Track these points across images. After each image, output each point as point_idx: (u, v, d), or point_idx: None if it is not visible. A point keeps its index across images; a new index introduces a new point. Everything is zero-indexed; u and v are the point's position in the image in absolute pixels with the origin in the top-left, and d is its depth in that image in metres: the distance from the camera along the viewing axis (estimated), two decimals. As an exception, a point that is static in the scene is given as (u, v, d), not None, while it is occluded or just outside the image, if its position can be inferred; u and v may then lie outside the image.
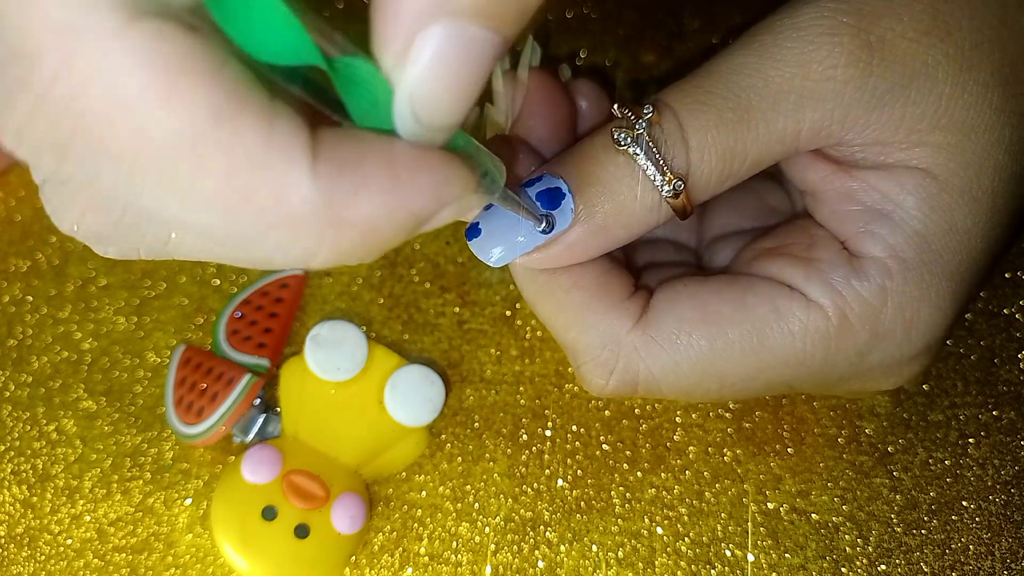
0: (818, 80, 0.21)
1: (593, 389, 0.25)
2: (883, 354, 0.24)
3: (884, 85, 0.21)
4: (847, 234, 0.23)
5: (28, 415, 0.30)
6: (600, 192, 0.22)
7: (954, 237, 0.22)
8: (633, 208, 0.22)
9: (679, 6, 0.36)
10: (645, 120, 0.21)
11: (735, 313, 0.23)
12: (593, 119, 0.28)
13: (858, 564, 0.28)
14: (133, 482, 0.29)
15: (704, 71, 0.22)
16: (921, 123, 0.22)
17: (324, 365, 0.29)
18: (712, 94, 0.21)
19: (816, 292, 0.23)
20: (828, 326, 0.23)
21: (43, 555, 0.29)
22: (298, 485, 0.27)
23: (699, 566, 0.28)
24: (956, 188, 0.22)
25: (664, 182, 0.21)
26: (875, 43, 0.21)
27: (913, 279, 0.23)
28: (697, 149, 0.21)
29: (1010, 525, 0.28)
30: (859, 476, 0.29)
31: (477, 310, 0.32)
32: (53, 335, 0.31)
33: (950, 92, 0.21)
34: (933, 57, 0.21)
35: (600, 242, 0.22)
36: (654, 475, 0.29)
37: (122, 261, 0.32)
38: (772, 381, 0.24)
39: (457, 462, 0.30)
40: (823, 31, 0.21)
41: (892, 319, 0.23)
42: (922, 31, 0.21)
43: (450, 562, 0.28)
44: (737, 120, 0.21)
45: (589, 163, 0.22)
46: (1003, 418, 0.30)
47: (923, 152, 0.22)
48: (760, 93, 0.21)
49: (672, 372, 0.24)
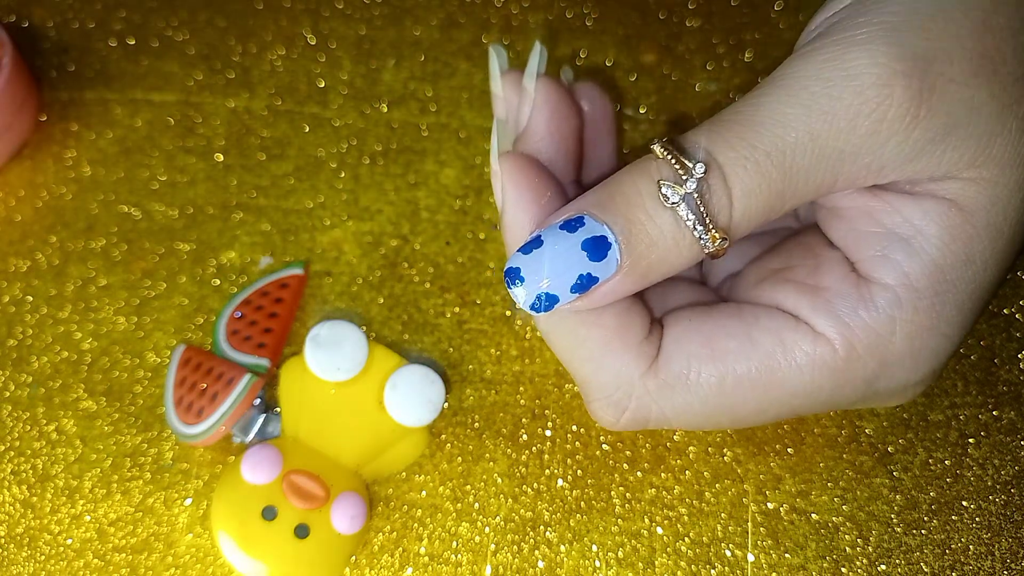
0: (863, 136, 0.21)
1: (604, 424, 0.25)
2: (891, 381, 0.23)
3: (927, 136, 0.21)
4: (861, 256, 0.23)
5: (28, 415, 0.30)
6: (647, 245, 0.21)
7: (970, 268, 0.22)
8: (676, 260, 0.22)
9: (679, 6, 0.36)
10: (696, 180, 0.21)
11: (742, 348, 0.23)
12: (596, 123, 0.28)
13: (858, 564, 0.28)
14: (133, 482, 0.29)
15: (748, 116, 0.21)
16: (958, 165, 0.21)
17: (324, 365, 0.29)
18: (756, 150, 0.21)
19: (823, 324, 0.23)
20: (835, 358, 0.23)
21: (43, 555, 0.29)
22: (298, 485, 0.27)
23: (699, 566, 0.28)
24: (981, 221, 0.22)
25: (708, 240, 0.21)
26: (926, 93, 0.20)
27: (924, 309, 0.22)
28: (740, 209, 0.21)
29: (1010, 525, 0.28)
30: (859, 476, 0.29)
31: (477, 310, 0.32)
32: (53, 335, 0.31)
33: (991, 132, 0.21)
34: (979, 98, 0.21)
35: (635, 288, 0.22)
36: (654, 475, 0.29)
37: (122, 261, 0.33)
38: (782, 412, 0.24)
39: (457, 462, 0.30)
40: (875, 81, 0.20)
41: (901, 349, 0.23)
42: (971, 72, 0.21)
43: (450, 562, 0.28)
44: (780, 179, 0.21)
45: (635, 212, 0.21)
46: (1003, 418, 0.30)
47: (954, 185, 0.21)
48: (805, 150, 0.21)
49: (684, 411, 0.24)
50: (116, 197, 0.33)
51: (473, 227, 0.33)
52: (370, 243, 0.33)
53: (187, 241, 0.33)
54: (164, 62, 0.36)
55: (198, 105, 0.35)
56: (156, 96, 0.35)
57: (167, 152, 0.34)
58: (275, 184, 0.34)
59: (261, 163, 0.34)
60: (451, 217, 0.33)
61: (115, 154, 0.34)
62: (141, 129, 0.35)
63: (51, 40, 0.36)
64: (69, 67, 0.36)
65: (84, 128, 0.35)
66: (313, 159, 0.34)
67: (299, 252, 0.33)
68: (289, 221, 0.33)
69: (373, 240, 0.33)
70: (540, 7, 0.36)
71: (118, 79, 0.35)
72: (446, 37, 0.36)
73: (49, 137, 0.35)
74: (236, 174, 0.34)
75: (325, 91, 0.35)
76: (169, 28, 0.36)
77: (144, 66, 0.36)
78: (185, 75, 0.35)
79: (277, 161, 0.34)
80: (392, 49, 0.36)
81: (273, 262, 0.32)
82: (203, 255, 0.33)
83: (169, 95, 0.35)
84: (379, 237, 0.33)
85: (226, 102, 0.35)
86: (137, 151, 0.34)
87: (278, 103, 0.35)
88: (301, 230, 0.33)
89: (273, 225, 0.33)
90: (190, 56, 0.36)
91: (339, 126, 0.34)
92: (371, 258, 0.32)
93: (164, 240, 0.33)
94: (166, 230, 0.33)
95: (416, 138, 0.34)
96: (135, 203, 0.33)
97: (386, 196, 0.33)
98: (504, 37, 0.36)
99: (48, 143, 0.34)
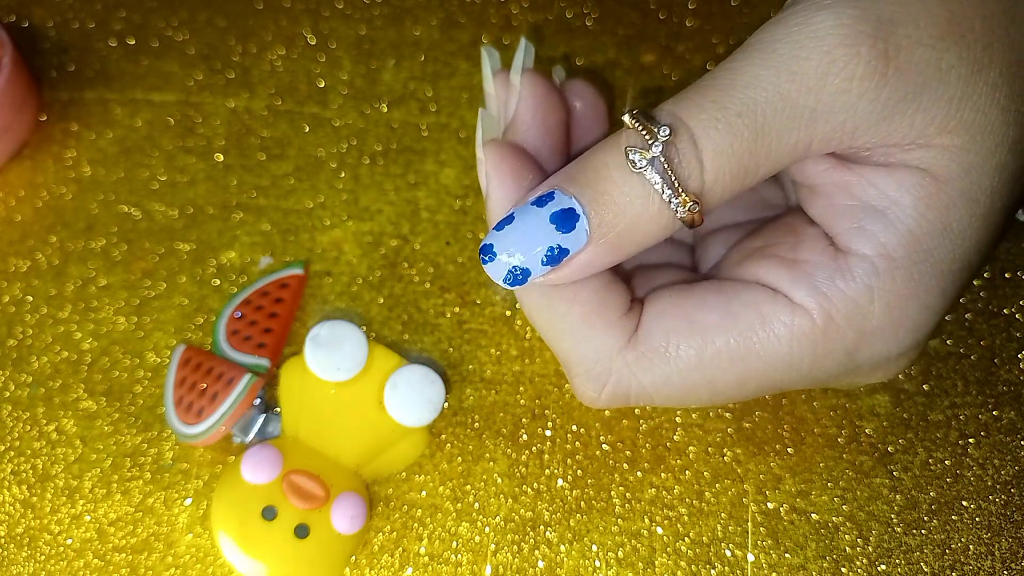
0: (833, 93, 0.21)
1: (585, 400, 0.25)
2: (872, 351, 0.23)
3: (897, 95, 0.21)
4: (839, 230, 0.23)
5: (28, 415, 0.30)
6: (615, 213, 0.22)
7: (947, 237, 0.22)
8: (647, 227, 0.22)
9: (679, 6, 0.36)
10: (661, 143, 0.21)
11: (721, 321, 0.23)
12: (588, 120, 0.28)
13: (858, 564, 0.28)
14: (133, 482, 0.29)
15: (719, 80, 0.22)
16: (930, 128, 0.21)
17: (324, 365, 0.29)
18: (727, 110, 0.21)
19: (801, 294, 0.23)
20: (814, 328, 0.23)
21: (43, 555, 0.29)
22: (298, 485, 0.27)
23: (699, 566, 0.28)
24: (956, 189, 0.22)
25: (679, 204, 0.21)
26: (892, 52, 0.21)
27: (902, 278, 0.22)
28: (712, 170, 0.21)
29: (1010, 525, 0.28)
30: (859, 476, 0.29)
31: (477, 310, 0.32)
32: (53, 335, 0.31)
33: (960, 95, 0.21)
34: (947, 61, 0.21)
35: (610, 259, 0.22)
36: (654, 475, 0.29)
37: (122, 261, 0.33)
38: (762, 385, 0.24)
39: (457, 462, 0.30)
40: (841, 41, 0.21)
41: (880, 318, 0.23)
42: (937, 35, 0.21)
43: (450, 562, 0.28)
44: (752, 139, 0.21)
45: (603, 182, 0.22)
46: (1003, 418, 0.30)
47: (927, 153, 0.22)
48: (776, 109, 0.21)
49: (663, 385, 0.24)
50: (116, 197, 0.33)
51: (473, 227, 0.33)
52: (370, 243, 0.33)
53: (187, 241, 0.33)
54: (164, 62, 0.36)
55: (198, 105, 0.35)
56: (156, 96, 0.35)
57: (167, 152, 0.34)
58: (275, 184, 0.34)
59: (261, 163, 0.34)
60: (451, 217, 0.33)
61: (115, 154, 0.34)
62: (141, 129, 0.35)
63: (51, 40, 0.36)
64: (69, 67, 0.36)
65: (84, 128, 0.35)
66: (313, 159, 0.34)
67: (299, 252, 0.33)
68: (289, 221, 0.33)
69: (373, 240, 0.33)
70: (540, 7, 0.36)
71: (118, 79, 0.35)
72: (446, 37, 0.36)
73: (49, 137, 0.35)
74: (236, 174, 0.34)
75: (325, 91, 0.35)
76: (169, 28, 0.36)
77: (144, 66, 0.36)
78: (185, 75, 0.35)
79: (277, 161, 0.34)
80: (392, 49, 0.36)
81: (273, 262, 0.32)
82: (203, 255, 0.33)
83: (169, 95, 0.35)
84: (379, 237, 0.33)
85: (226, 102, 0.35)
86: (137, 151, 0.34)
87: (278, 103, 0.35)
88: (301, 230, 0.33)
89: (273, 225, 0.33)
90: (190, 56, 0.36)
91: (339, 126, 0.34)
92: (371, 258, 0.32)
93: (164, 240, 0.33)
94: (166, 230, 0.33)
95: (416, 138, 0.34)
96: (135, 203, 0.33)
97: (386, 196, 0.33)
98: (504, 37, 0.36)
99: (48, 143, 0.34)
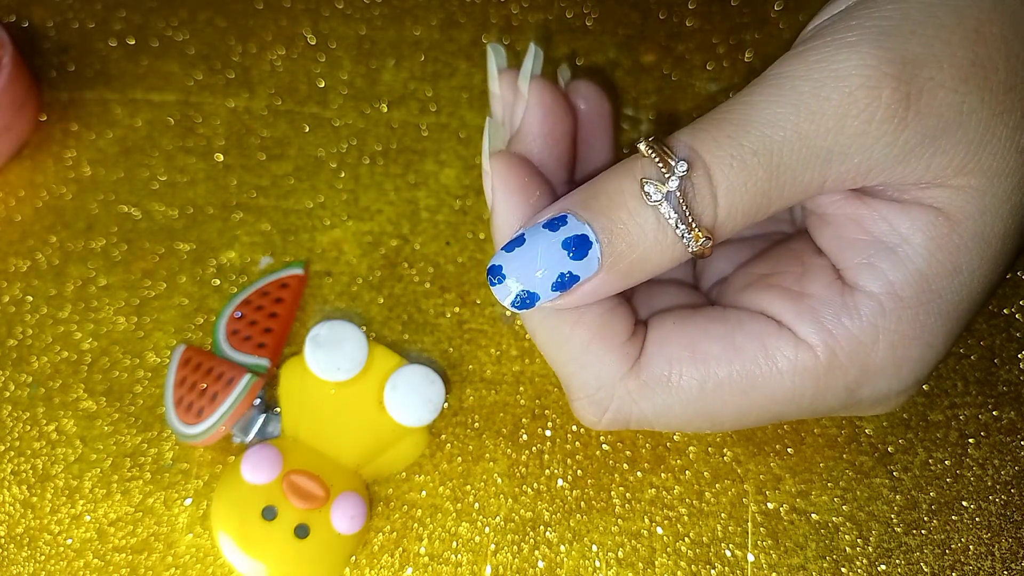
0: (851, 136, 0.21)
1: (585, 422, 0.25)
2: (873, 389, 0.23)
3: (916, 138, 0.21)
4: (847, 264, 0.23)
5: (28, 415, 0.30)
6: (628, 244, 0.21)
7: (957, 279, 0.22)
8: (658, 259, 0.22)
9: (679, 6, 0.36)
10: (679, 177, 0.21)
11: (724, 352, 0.23)
12: (593, 122, 0.28)
13: (858, 564, 0.28)
14: (133, 482, 0.29)
15: (735, 114, 0.21)
16: (947, 170, 0.21)
17: (324, 365, 0.29)
18: (743, 148, 0.21)
19: (806, 330, 0.23)
20: (817, 364, 0.23)
21: (43, 555, 0.29)
22: (298, 485, 0.27)
23: (699, 566, 0.28)
24: (969, 231, 0.21)
25: (691, 239, 0.21)
26: (914, 95, 0.20)
27: (908, 318, 0.22)
28: (725, 207, 0.21)
29: (1010, 525, 0.28)
30: (859, 476, 0.29)
31: (477, 310, 0.32)
32: (53, 335, 0.31)
33: (980, 139, 0.21)
34: (968, 105, 0.21)
35: (618, 287, 0.22)
36: (654, 475, 0.29)
37: (122, 261, 0.33)
38: (762, 416, 0.24)
39: (457, 462, 0.30)
40: (864, 83, 0.20)
41: (883, 357, 0.22)
42: (960, 78, 0.21)
43: (450, 562, 0.28)
44: (766, 178, 0.21)
45: (617, 210, 0.21)
46: (1003, 418, 0.30)
47: (942, 192, 0.21)
48: (792, 149, 0.21)
49: (664, 413, 0.24)
50: (116, 197, 0.33)
51: (473, 227, 0.33)
52: (370, 243, 0.33)
53: (187, 241, 0.33)
54: (164, 62, 0.36)
55: (198, 105, 0.35)
56: (156, 96, 0.35)
57: (167, 152, 0.34)
58: (275, 184, 0.34)
59: (261, 163, 0.34)
60: (451, 217, 0.33)
61: (115, 154, 0.34)
62: (141, 129, 0.35)
63: (51, 40, 0.36)
64: (69, 67, 0.36)
65: (84, 128, 0.35)
66: (313, 159, 0.34)
67: (299, 252, 0.33)
68: (289, 221, 0.33)
69: (373, 240, 0.33)
70: (540, 7, 0.36)
71: (118, 79, 0.35)
72: (446, 37, 0.36)
73: (49, 137, 0.35)
74: (236, 174, 0.34)
75: (325, 91, 0.35)
76: (169, 28, 0.36)
77: (144, 66, 0.36)
78: (185, 75, 0.35)
79: (277, 161, 0.34)
80: (392, 49, 0.36)
81: (273, 262, 0.32)
82: (203, 255, 0.33)
83: (169, 95, 0.35)
84: (379, 237, 0.33)
85: (226, 102, 0.35)
86: (137, 151, 0.34)
87: (278, 103, 0.35)
88: (301, 230, 0.33)
89: (273, 225, 0.33)
90: (190, 56, 0.36)
91: (339, 126, 0.34)
92: (371, 258, 0.32)
93: (164, 240, 0.33)
94: (166, 230, 0.33)
95: (416, 138, 0.34)
96: (135, 203, 0.33)
97: (386, 196, 0.33)
98: (504, 37, 0.36)
99: (48, 143, 0.34)
